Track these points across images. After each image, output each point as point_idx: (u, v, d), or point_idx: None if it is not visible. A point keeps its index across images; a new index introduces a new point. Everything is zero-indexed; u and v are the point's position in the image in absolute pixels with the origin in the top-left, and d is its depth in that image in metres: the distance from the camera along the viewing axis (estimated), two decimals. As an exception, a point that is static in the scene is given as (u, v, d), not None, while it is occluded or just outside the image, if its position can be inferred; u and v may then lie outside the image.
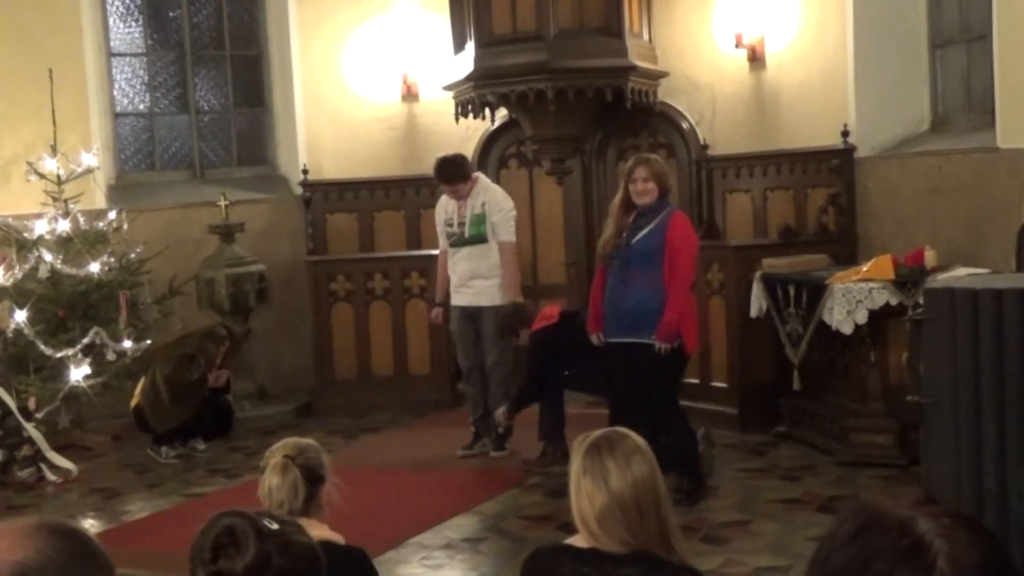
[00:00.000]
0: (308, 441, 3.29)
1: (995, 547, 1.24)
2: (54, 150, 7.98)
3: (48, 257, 7.68)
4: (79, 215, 7.95)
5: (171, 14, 9.41)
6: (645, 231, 5.87)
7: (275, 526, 1.87)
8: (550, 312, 6.96)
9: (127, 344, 7.79)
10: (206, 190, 9.07)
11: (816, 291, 6.62)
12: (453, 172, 7.04)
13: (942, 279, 5.34)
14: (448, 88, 8.75)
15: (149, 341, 7.93)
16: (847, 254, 7.59)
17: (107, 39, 9.13)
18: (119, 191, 9.03)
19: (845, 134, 7.76)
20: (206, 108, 9.56)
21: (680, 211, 6.14)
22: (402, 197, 9.39)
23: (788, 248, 7.60)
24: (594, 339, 6.15)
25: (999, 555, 1.23)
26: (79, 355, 7.58)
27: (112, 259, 7.98)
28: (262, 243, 8.95)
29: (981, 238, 6.62)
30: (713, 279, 7.60)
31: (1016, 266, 5.68)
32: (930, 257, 6.43)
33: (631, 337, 5.88)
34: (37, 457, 7.06)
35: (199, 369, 7.60)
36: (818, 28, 8.03)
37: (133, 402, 7.70)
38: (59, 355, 7.54)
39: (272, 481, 3.10)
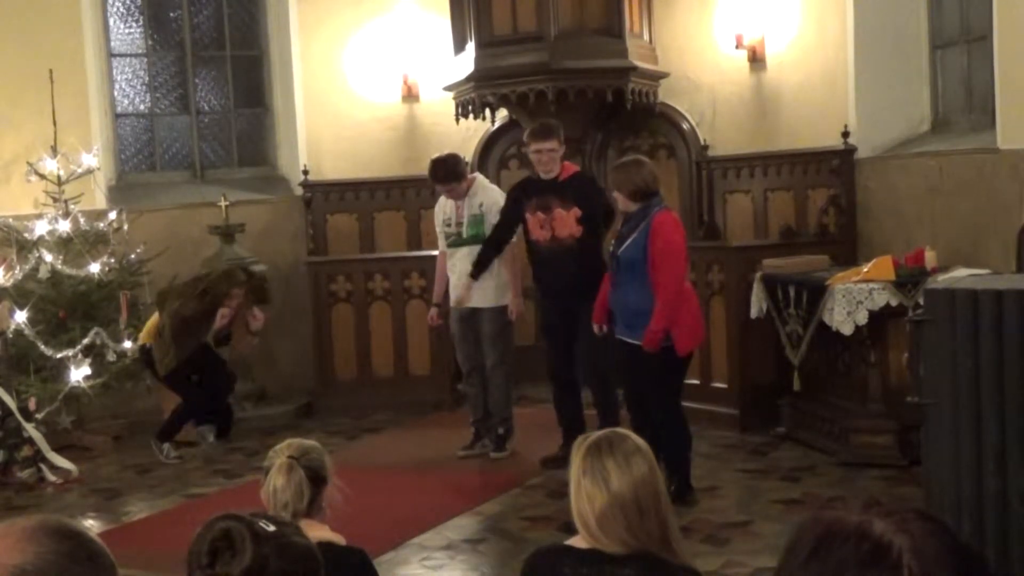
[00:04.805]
0: (311, 442, 3.29)
1: (950, 532, 1.25)
2: (54, 151, 7.99)
3: (48, 257, 7.68)
4: (79, 215, 7.95)
5: (171, 15, 9.41)
6: (629, 240, 5.89)
7: (272, 528, 1.87)
8: None
9: (127, 344, 7.79)
10: (206, 191, 9.07)
11: (816, 292, 6.62)
12: (446, 172, 7.03)
13: (942, 280, 5.34)
14: (448, 88, 8.75)
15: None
16: (847, 255, 7.59)
17: (107, 40, 9.13)
18: (119, 191, 9.03)
19: (845, 135, 7.77)
20: (206, 109, 9.56)
21: (664, 213, 5.91)
22: (402, 198, 9.39)
23: (788, 249, 7.60)
24: (595, 328, 6.29)
25: (955, 539, 1.24)
26: (79, 355, 7.58)
27: (112, 259, 7.99)
28: (262, 244, 8.95)
29: (981, 239, 6.62)
30: (713, 280, 7.60)
31: (1016, 267, 5.68)
32: (930, 258, 6.43)
33: (628, 337, 5.96)
34: (37, 458, 7.06)
35: (206, 303, 7.45)
36: (818, 29, 8.03)
37: (140, 340, 7.67)
38: (59, 355, 7.55)
39: (277, 482, 3.10)
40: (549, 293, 6.84)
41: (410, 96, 9.43)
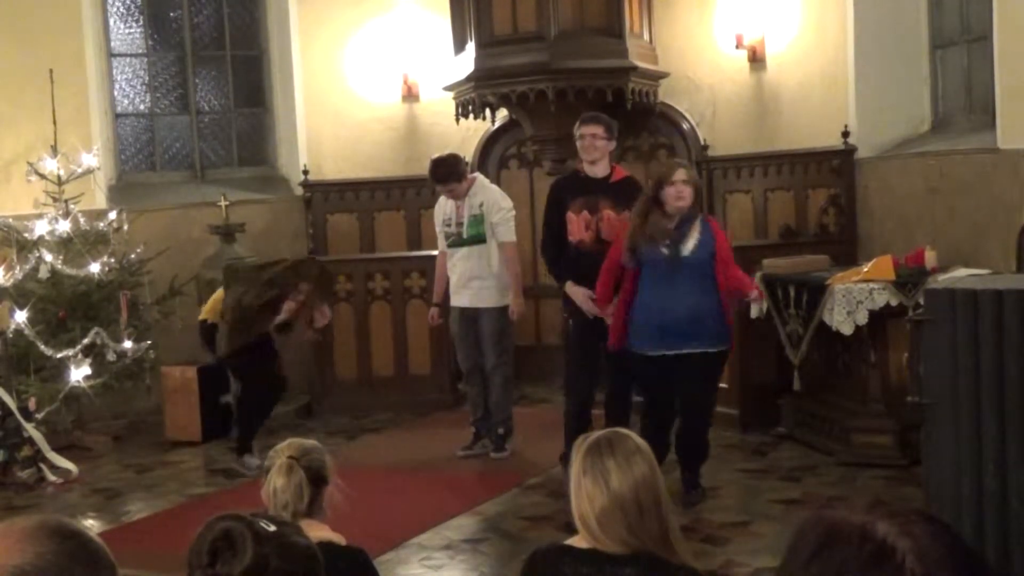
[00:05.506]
0: (312, 442, 3.29)
1: (954, 535, 1.25)
2: (55, 150, 7.99)
3: (48, 257, 7.68)
4: (79, 215, 7.95)
5: (172, 14, 9.41)
6: (694, 242, 5.76)
7: (272, 528, 1.87)
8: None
9: (127, 344, 7.79)
10: (207, 190, 9.07)
11: (816, 292, 6.62)
12: (447, 172, 7.02)
13: (943, 280, 5.34)
14: (449, 88, 8.75)
15: (149, 342, 7.93)
16: (847, 255, 7.59)
17: (108, 39, 9.13)
18: (119, 191, 9.04)
19: (845, 135, 7.77)
20: (207, 108, 9.56)
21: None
22: (402, 197, 9.40)
23: (788, 249, 7.60)
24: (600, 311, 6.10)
25: (959, 542, 1.24)
26: (79, 355, 7.58)
27: (112, 259, 7.98)
28: (263, 243, 8.94)
29: (981, 238, 6.62)
30: (713, 279, 7.59)
31: (1016, 267, 5.68)
32: (930, 258, 6.43)
33: (688, 347, 5.75)
34: (37, 458, 7.06)
35: (271, 294, 7.02)
36: (818, 29, 8.04)
37: (202, 315, 7.36)
38: (59, 355, 7.54)
39: (277, 482, 3.10)
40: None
41: (410, 96, 9.43)
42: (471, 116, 8.62)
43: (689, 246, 5.76)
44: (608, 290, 6.04)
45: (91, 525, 6.15)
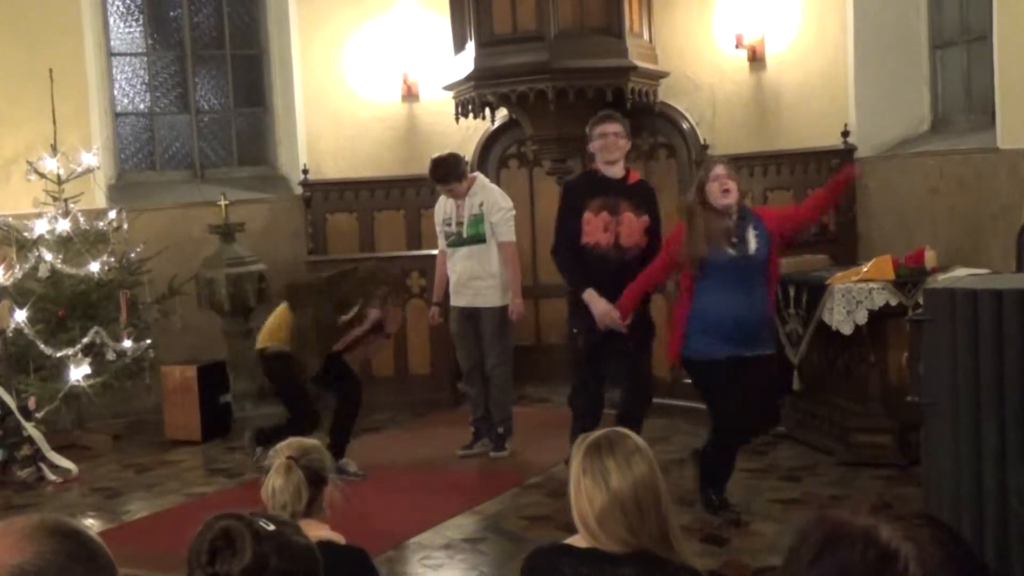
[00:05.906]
0: (311, 442, 3.30)
1: (957, 539, 1.24)
2: (54, 150, 7.99)
3: (48, 257, 7.68)
4: (79, 215, 7.95)
5: (171, 14, 9.41)
6: (757, 237, 5.55)
7: (272, 527, 1.87)
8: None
9: (127, 344, 7.79)
10: (206, 190, 9.07)
11: (816, 291, 6.62)
12: (447, 172, 7.03)
13: (942, 279, 5.34)
14: (448, 88, 8.75)
15: (149, 341, 7.93)
16: (847, 254, 7.59)
17: (107, 39, 9.13)
18: (119, 191, 9.04)
19: (845, 134, 7.76)
20: (206, 108, 9.56)
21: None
22: (402, 197, 9.39)
23: (788, 248, 7.58)
24: (623, 321, 5.87)
25: (962, 546, 1.24)
26: (79, 355, 7.58)
27: (112, 259, 7.98)
28: (262, 243, 8.94)
29: (981, 238, 6.62)
30: (713, 279, 7.58)
31: (1016, 267, 5.68)
32: (930, 257, 6.43)
33: (759, 350, 5.62)
34: (37, 457, 7.07)
35: (350, 312, 6.66)
36: (818, 28, 8.03)
37: (261, 344, 6.78)
38: (59, 355, 7.55)
39: (276, 483, 3.11)
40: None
41: (410, 95, 9.43)
42: (471, 116, 8.62)
43: (752, 244, 5.53)
44: (635, 303, 5.84)
45: (91, 524, 6.15)
